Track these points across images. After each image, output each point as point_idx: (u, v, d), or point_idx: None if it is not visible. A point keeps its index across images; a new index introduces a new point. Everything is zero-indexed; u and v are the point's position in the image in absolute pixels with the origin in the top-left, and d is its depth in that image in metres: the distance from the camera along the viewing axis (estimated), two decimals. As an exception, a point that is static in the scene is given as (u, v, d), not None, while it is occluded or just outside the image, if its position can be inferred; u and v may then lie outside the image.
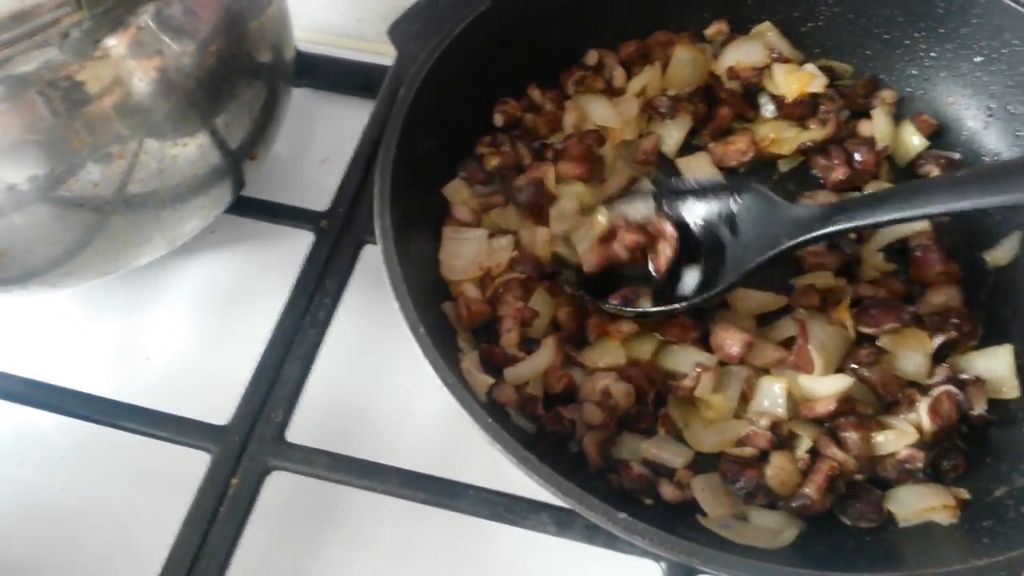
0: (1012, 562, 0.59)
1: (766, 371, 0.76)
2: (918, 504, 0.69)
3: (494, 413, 0.66)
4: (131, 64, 0.66)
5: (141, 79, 0.66)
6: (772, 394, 0.74)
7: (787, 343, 0.77)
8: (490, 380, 0.73)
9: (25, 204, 0.66)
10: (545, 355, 0.76)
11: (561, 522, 0.70)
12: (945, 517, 0.68)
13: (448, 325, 0.78)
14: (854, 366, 0.74)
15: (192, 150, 0.72)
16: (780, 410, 0.73)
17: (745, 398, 0.75)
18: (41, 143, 0.64)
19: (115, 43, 0.64)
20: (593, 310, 0.79)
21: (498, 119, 0.89)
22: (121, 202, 0.70)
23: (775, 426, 0.72)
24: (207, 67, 0.70)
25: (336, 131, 0.99)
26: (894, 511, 0.70)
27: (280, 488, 0.75)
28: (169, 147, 0.70)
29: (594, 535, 0.69)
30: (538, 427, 0.73)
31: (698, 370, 0.74)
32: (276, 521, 0.76)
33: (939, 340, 0.75)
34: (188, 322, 0.89)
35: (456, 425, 0.80)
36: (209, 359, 0.86)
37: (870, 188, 0.87)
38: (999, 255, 0.82)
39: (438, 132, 0.81)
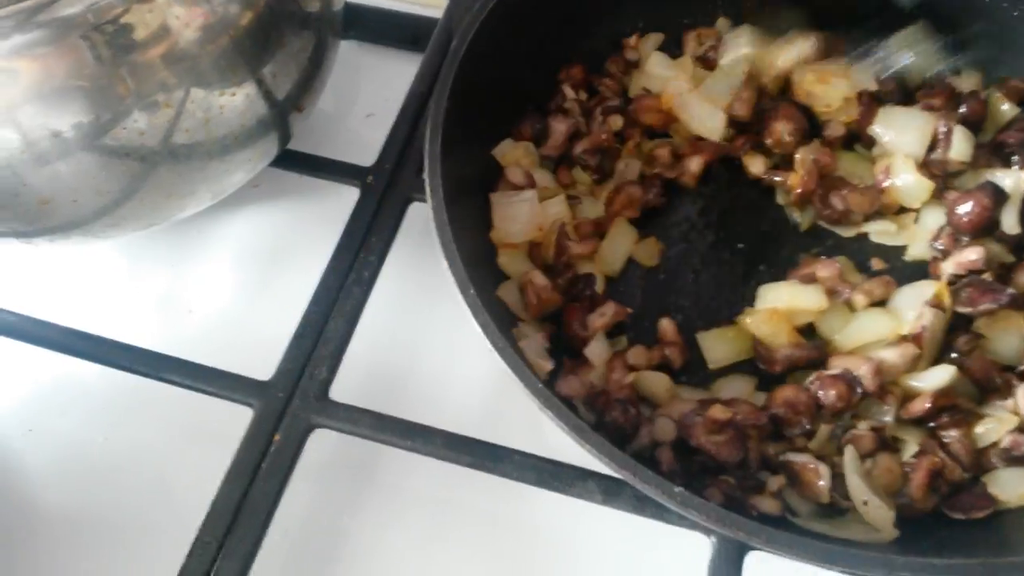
0: None
1: None
2: (1022, 487, 0.67)
3: (545, 380, 0.64)
4: (178, 9, 0.64)
5: (188, 25, 0.65)
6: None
7: None
8: (549, 366, 0.70)
9: (70, 152, 0.65)
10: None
11: (608, 491, 0.68)
12: None
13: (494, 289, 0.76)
14: (953, 355, 0.71)
15: (239, 100, 0.71)
16: (888, 418, 0.69)
17: None
18: (86, 89, 0.63)
19: (162, -14, 0.63)
20: None
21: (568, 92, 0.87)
22: (167, 152, 0.69)
23: (876, 429, 0.69)
24: (255, 14, 0.68)
25: (382, 85, 0.97)
26: (995, 493, 0.67)
27: (322, 446, 0.74)
28: (216, 96, 0.69)
29: (643, 505, 0.68)
30: (597, 418, 0.70)
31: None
32: (317, 479, 0.75)
33: None
34: (231, 276, 0.88)
35: (500, 389, 0.79)
36: (251, 314, 0.85)
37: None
38: None
39: (490, 87, 0.78)
